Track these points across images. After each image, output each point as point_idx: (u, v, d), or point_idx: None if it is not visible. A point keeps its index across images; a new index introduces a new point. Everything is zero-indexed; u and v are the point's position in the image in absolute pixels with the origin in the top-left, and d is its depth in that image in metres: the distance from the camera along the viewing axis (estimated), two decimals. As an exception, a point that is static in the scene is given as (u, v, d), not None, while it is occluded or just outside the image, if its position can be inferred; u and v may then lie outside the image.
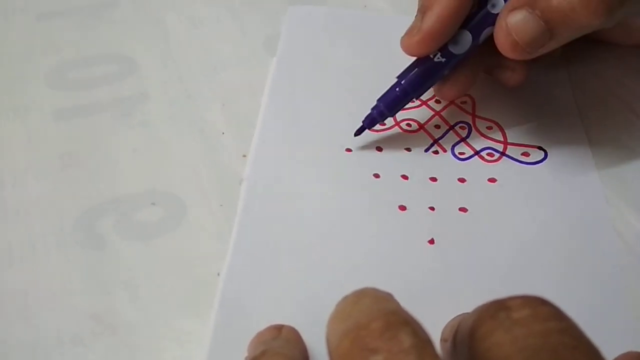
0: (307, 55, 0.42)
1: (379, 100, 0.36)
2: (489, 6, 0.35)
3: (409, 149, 0.37)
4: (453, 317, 0.27)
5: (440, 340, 0.27)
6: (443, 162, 0.36)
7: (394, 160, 0.36)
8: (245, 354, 0.27)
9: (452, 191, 0.35)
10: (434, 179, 0.35)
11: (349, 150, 0.37)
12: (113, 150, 0.37)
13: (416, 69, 0.36)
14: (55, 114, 0.39)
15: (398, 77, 0.36)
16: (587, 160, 0.36)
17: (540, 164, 0.36)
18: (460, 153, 0.37)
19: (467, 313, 0.22)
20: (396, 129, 0.38)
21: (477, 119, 0.38)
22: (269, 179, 0.35)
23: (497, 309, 0.20)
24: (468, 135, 0.38)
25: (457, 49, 0.35)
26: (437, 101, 0.40)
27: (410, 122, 0.38)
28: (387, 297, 0.21)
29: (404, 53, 0.36)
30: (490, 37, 0.34)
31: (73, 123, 0.39)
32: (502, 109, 0.39)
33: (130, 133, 0.38)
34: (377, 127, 0.38)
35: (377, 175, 0.35)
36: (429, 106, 0.39)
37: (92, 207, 0.34)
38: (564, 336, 0.18)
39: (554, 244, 0.32)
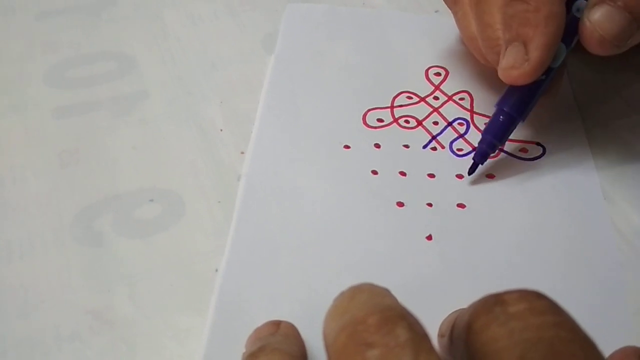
0: (306, 52, 0.42)
1: (485, 132, 0.35)
2: (574, 11, 0.34)
3: (407, 146, 0.37)
4: (450, 312, 0.27)
5: (438, 335, 0.27)
6: (441, 159, 0.36)
7: (392, 156, 0.36)
8: (243, 350, 0.27)
9: (450, 187, 0.35)
10: (432, 175, 0.35)
11: (347, 147, 0.37)
12: (112, 147, 0.37)
13: (516, 93, 0.34)
14: (54, 112, 0.39)
15: (498, 104, 0.35)
16: (586, 156, 0.36)
17: (539, 159, 0.36)
18: (459, 149, 0.37)
19: (465, 308, 0.22)
20: (394, 126, 0.38)
21: (475, 115, 0.38)
22: (267, 175, 0.35)
23: (493, 303, 0.20)
24: (466, 132, 0.38)
25: (555, 63, 0.34)
26: (436, 98, 0.40)
27: (409, 119, 0.38)
28: (384, 292, 0.21)
29: (402, 50, 0.36)
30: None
31: (72, 121, 0.39)
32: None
33: (129, 131, 0.38)
34: (375, 123, 0.38)
35: (375, 172, 0.35)
36: (427, 103, 0.39)
37: (91, 204, 0.34)
38: (560, 330, 0.18)
39: (552, 240, 0.32)
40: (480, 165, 0.35)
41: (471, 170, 0.35)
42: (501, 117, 0.34)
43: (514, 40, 0.33)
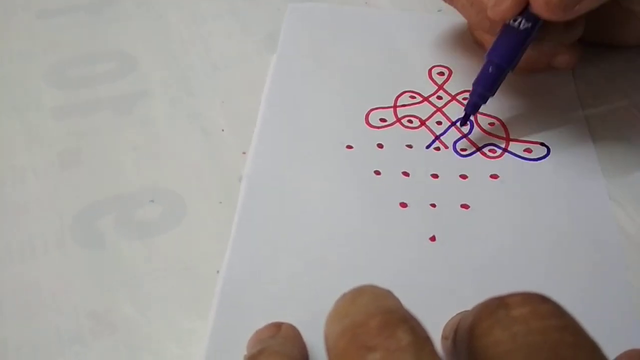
0: (308, 52, 0.42)
1: (475, 84, 0.36)
2: None
3: (410, 146, 0.37)
4: (454, 314, 0.27)
5: (441, 337, 0.26)
6: (445, 159, 0.36)
7: (395, 157, 0.36)
8: (244, 352, 0.27)
9: (453, 188, 0.34)
10: (435, 176, 0.35)
11: (349, 147, 0.36)
12: (113, 147, 0.37)
13: (504, 43, 0.36)
14: (55, 111, 0.39)
15: (487, 55, 0.36)
16: (590, 157, 0.36)
17: (543, 160, 0.36)
18: (462, 149, 0.36)
19: (468, 310, 0.22)
20: (397, 126, 0.38)
21: (479, 115, 0.38)
22: (268, 176, 0.35)
23: (497, 306, 0.19)
24: (470, 132, 0.37)
25: None
26: (439, 97, 0.39)
27: (412, 119, 0.38)
28: (386, 294, 0.21)
29: (405, 49, 0.36)
30: None
31: (73, 121, 0.39)
32: (504, 105, 0.39)
33: (131, 130, 0.38)
34: (378, 123, 0.38)
35: (378, 172, 0.35)
36: (430, 102, 0.39)
37: (92, 205, 0.34)
38: (564, 333, 0.18)
39: (556, 241, 0.32)
40: (471, 117, 0.37)
41: (463, 121, 0.37)
42: (490, 68, 0.36)
43: None
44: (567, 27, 0.37)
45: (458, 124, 0.37)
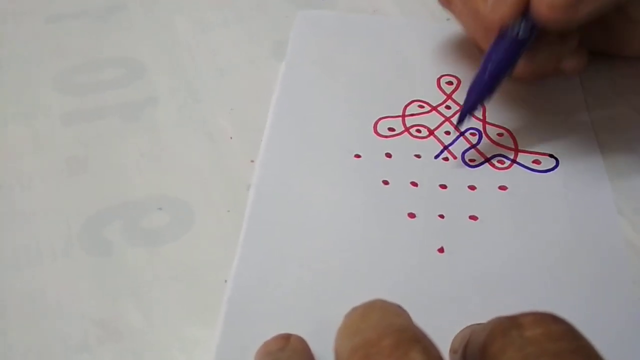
0: (316, 60, 0.42)
1: (470, 90, 0.36)
2: None
3: (418, 156, 0.36)
4: (463, 327, 0.27)
5: (450, 351, 0.26)
6: (453, 169, 0.36)
7: (404, 166, 0.36)
8: (252, 364, 0.27)
9: (462, 199, 0.34)
10: (443, 186, 0.35)
11: (357, 156, 0.36)
12: (120, 154, 0.37)
13: (500, 50, 0.35)
14: (62, 117, 0.39)
15: (482, 62, 0.36)
16: (599, 169, 0.36)
17: (552, 172, 0.36)
18: (471, 160, 0.36)
19: (478, 324, 0.22)
20: (406, 135, 0.38)
21: (487, 126, 0.38)
22: (276, 184, 0.35)
23: (509, 326, 0.19)
24: (479, 142, 0.37)
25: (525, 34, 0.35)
26: (448, 107, 0.39)
27: (420, 128, 0.38)
28: (397, 311, 0.21)
29: (414, 58, 0.36)
30: None
31: (80, 127, 0.39)
32: (513, 115, 0.39)
33: (138, 138, 0.38)
34: (386, 132, 0.38)
35: (386, 182, 0.35)
36: (439, 112, 0.39)
37: (99, 212, 0.34)
38: (577, 356, 0.18)
39: (565, 253, 0.32)
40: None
41: (459, 121, 0.36)
42: (486, 74, 0.35)
43: None
44: (561, 39, 0.37)
45: (455, 122, 0.37)
